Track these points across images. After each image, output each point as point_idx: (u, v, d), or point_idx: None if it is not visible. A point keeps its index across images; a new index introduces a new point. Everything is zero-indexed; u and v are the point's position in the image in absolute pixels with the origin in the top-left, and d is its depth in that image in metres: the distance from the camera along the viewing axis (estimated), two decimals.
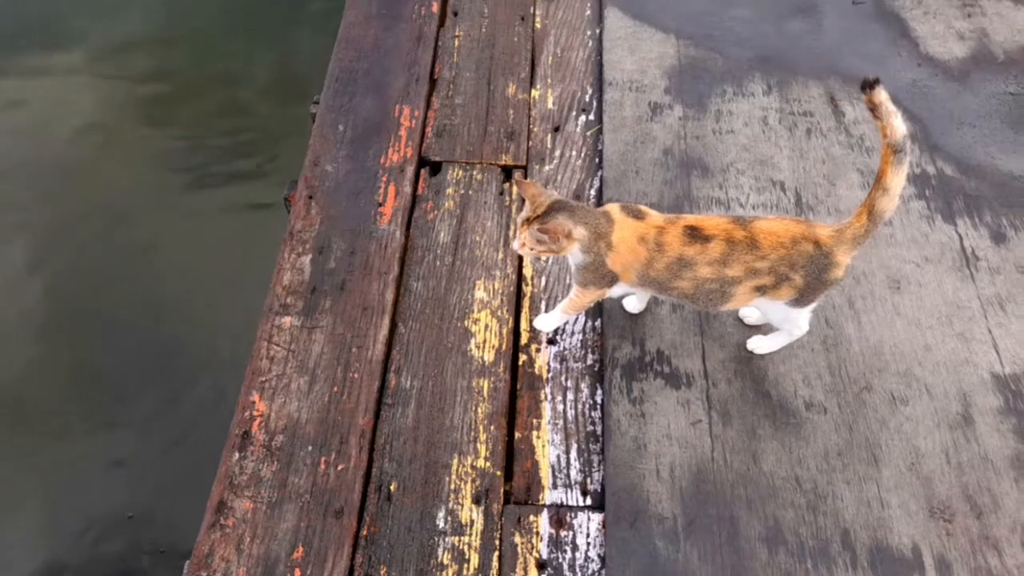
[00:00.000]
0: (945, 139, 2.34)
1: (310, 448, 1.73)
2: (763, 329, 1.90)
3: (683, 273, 1.59)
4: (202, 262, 3.32)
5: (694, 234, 1.56)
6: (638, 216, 1.61)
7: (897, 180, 1.48)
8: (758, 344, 1.88)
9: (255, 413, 1.78)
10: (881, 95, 1.44)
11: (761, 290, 1.61)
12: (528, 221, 1.58)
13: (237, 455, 1.72)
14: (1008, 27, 2.67)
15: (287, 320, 1.93)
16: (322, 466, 1.71)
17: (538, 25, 2.67)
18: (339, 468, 1.71)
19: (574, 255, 1.63)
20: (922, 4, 2.74)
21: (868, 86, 1.44)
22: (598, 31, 2.64)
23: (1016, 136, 2.35)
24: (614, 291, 1.73)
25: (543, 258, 2.04)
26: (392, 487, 1.70)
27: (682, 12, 2.69)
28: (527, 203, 1.61)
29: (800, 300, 1.62)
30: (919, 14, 2.71)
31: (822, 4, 2.74)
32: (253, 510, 1.65)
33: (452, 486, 1.70)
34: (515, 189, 2.22)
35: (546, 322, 1.91)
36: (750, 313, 1.90)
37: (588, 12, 2.71)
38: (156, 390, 2.98)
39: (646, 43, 2.59)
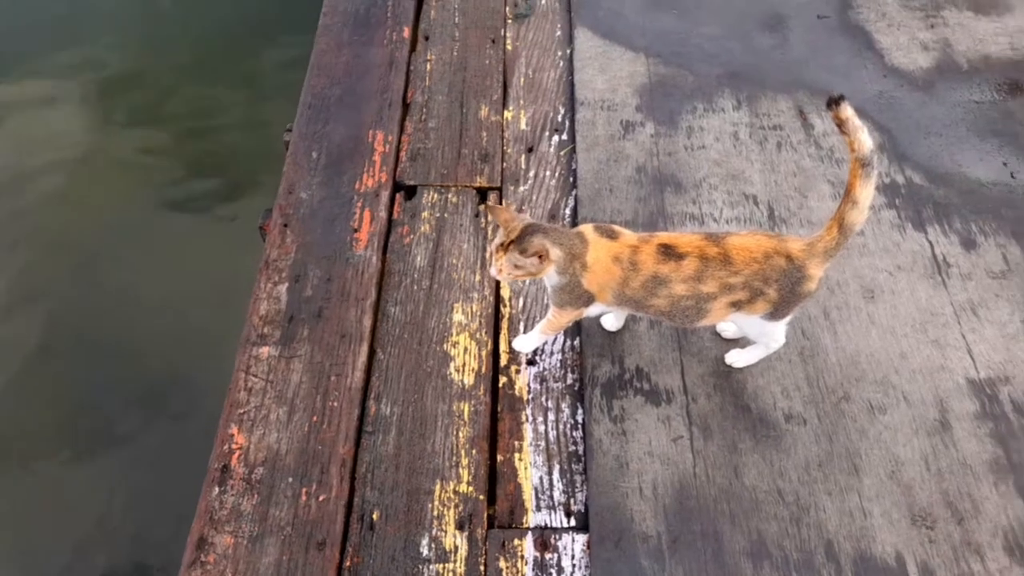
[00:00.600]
0: (913, 149, 2.38)
1: (290, 480, 1.72)
2: (741, 342, 1.91)
3: (658, 291, 1.60)
4: (183, 292, 3.30)
5: (668, 252, 1.57)
6: (612, 236, 1.62)
7: (866, 193, 1.51)
8: (736, 358, 1.89)
9: (234, 446, 1.76)
10: (847, 111, 1.46)
11: (736, 305, 1.62)
12: (503, 246, 1.59)
13: (217, 489, 1.70)
14: (970, 37, 2.72)
15: (265, 350, 1.92)
16: (303, 497, 1.69)
17: (509, 47, 2.69)
18: (320, 499, 1.69)
19: (550, 276, 1.64)
20: (886, 16, 2.79)
21: (834, 102, 1.46)
22: (569, 51, 2.67)
23: (982, 143, 2.39)
24: (591, 310, 1.74)
25: (520, 281, 2.04)
26: (375, 516, 1.68)
27: (651, 31, 2.72)
28: (500, 228, 1.62)
29: (775, 313, 1.64)
30: (883, 26, 2.76)
31: (788, 19, 2.78)
32: (234, 545, 1.63)
33: (435, 512, 1.69)
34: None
35: (525, 343, 1.91)
36: (727, 327, 1.92)
37: (558, 33, 2.73)
38: (139, 423, 2.94)
39: (616, 62, 2.62)
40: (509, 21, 2.77)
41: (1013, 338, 1.96)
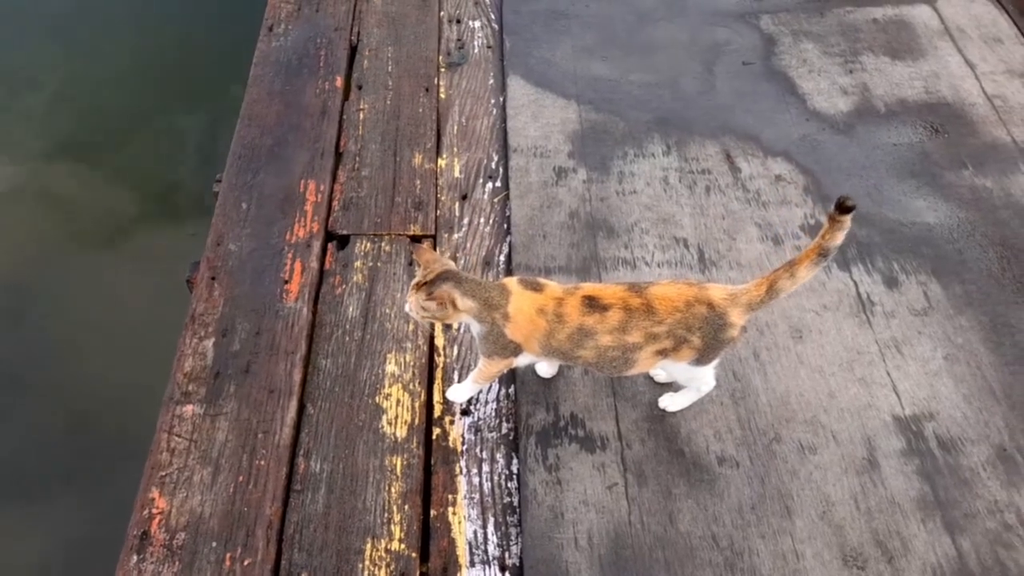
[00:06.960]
0: (836, 190, 2.44)
1: (214, 544, 1.66)
2: (674, 386, 1.92)
3: (585, 343, 1.60)
4: (113, 346, 3.20)
5: (592, 304, 1.58)
6: (536, 288, 1.62)
7: (808, 274, 1.55)
8: (669, 402, 1.90)
9: (154, 511, 1.70)
10: (848, 220, 1.47)
11: (663, 353, 1.63)
12: (418, 286, 1.59)
13: (135, 558, 1.63)
14: (887, 81, 2.83)
15: (189, 408, 1.86)
16: (227, 563, 1.63)
17: (442, 95, 2.71)
18: (245, 563, 1.63)
19: (473, 326, 1.63)
20: (807, 63, 2.89)
21: (845, 210, 1.45)
22: (502, 99, 2.70)
23: (900, 184, 2.47)
24: (521, 360, 1.73)
25: (434, 323, 2.01)
26: None
27: (582, 78, 2.77)
28: (420, 268, 1.62)
29: (701, 359, 1.65)
30: (804, 72, 2.85)
31: (714, 66, 2.86)
32: None
33: (366, 573, 1.65)
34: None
35: (459, 393, 1.89)
36: (659, 372, 1.93)
37: (491, 81, 2.76)
38: (53, 486, 2.82)
39: (549, 109, 2.65)
40: (442, 70, 2.80)
41: (936, 374, 2.01)
